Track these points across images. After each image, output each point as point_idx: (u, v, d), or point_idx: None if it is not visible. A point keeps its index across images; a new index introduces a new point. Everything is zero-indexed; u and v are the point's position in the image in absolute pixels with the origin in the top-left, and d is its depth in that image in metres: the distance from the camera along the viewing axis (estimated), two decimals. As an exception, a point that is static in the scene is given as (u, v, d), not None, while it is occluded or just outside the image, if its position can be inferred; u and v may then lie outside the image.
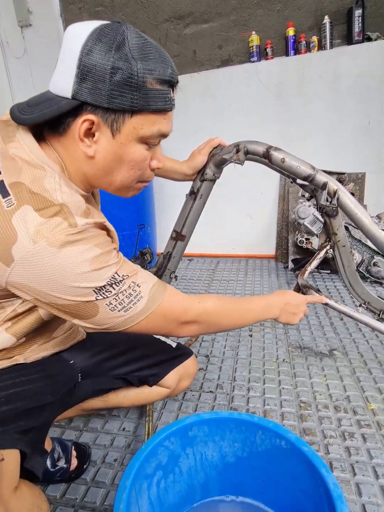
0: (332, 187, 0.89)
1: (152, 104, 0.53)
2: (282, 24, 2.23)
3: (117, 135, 0.53)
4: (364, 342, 1.37)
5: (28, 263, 0.49)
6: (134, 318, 0.58)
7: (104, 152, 0.55)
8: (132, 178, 0.60)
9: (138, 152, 0.56)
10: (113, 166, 0.57)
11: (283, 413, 1.02)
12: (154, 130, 0.55)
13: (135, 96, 0.51)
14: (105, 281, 0.53)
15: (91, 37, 0.50)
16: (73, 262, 0.50)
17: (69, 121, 0.53)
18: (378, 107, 2.15)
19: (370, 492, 0.77)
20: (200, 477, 0.68)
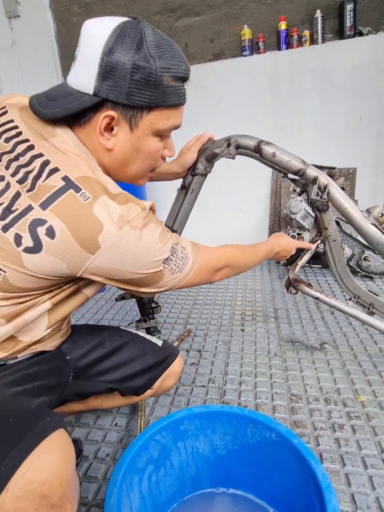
0: (322, 181, 0.89)
1: (168, 100, 0.57)
2: (274, 18, 2.22)
3: (135, 129, 0.58)
4: (355, 335, 1.39)
5: (114, 248, 0.54)
6: (186, 276, 0.67)
7: (122, 145, 0.59)
8: (146, 167, 0.65)
9: (154, 144, 0.61)
10: (130, 158, 0.61)
11: (274, 406, 1.03)
12: (169, 124, 0.60)
13: (153, 93, 0.55)
14: (169, 252, 0.61)
15: (112, 36, 0.52)
16: (149, 241, 0.57)
17: (90, 115, 0.56)
18: (369, 102, 2.16)
19: (359, 482, 0.79)
20: (191, 470, 0.69)
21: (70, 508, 0.43)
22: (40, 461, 0.42)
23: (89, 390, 0.80)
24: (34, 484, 0.40)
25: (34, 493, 0.40)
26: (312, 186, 0.91)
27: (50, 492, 0.41)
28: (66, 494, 0.43)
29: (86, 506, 0.76)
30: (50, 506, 0.41)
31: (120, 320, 1.62)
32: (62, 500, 0.42)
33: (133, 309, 1.72)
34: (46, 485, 0.41)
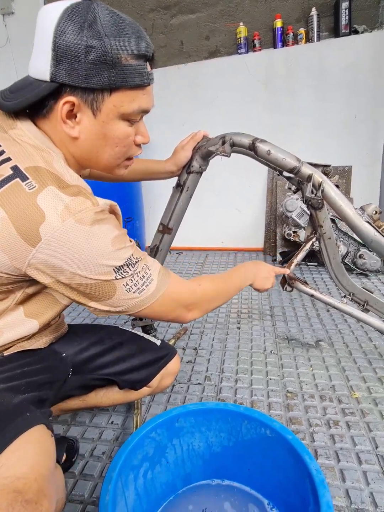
0: (317, 179, 0.89)
1: (129, 80, 0.53)
2: (269, 16, 2.22)
3: (98, 114, 0.54)
4: (350, 332, 1.40)
5: (55, 241, 0.49)
6: (146, 301, 0.61)
7: (87, 132, 0.56)
8: (118, 155, 0.61)
9: (121, 129, 0.57)
10: (97, 145, 0.58)
11: (270, 403, 1.03)
12: (134, 106, 0.56)
13: (111, 73, 0.51)
14: (123, 261, 0.56)
15: (62, 18, 0.50)
16: (99, 240, 0.52)
17: (51, 103, 0.53)
18: (364, 101, 2.16)
19: (353, 478, 0.79)
20: (187, 467, 0.69)
21: (47, 505, 0.42)
22: (16, 456, 0.42)
23: (89, 384, 0.82)
24: (9, 479, 0.40)
25: (8, 488, 0.40)
26: (307, 184, 0.91)
27: (25, 487, 0.40)
28: (42, 490, 0.42)
29: (82, 504, 0.76)
30: (25, 501, 0.40)
31: (116, 319, 1.61)
32: (38, 496, 0.41)
33: (129, 307, 1.71)
34: (21, 480, 0.41)
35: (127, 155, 0.62)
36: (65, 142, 0.57)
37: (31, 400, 0.56)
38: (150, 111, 0.61)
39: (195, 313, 0.72)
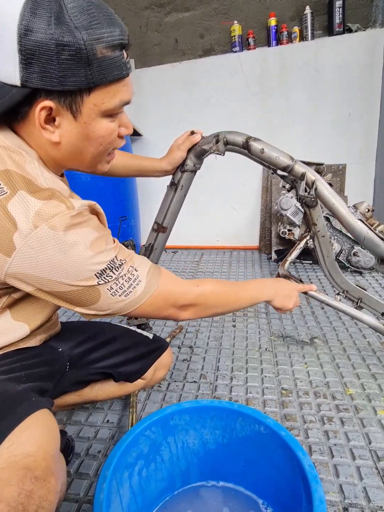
0: (310, 177, 0.90)
1: (108, 75, 0.49)
2: (264, 14, 2.22)
3: (78, 116, 0.50)
4: (344, 330, 1.41)
5: (30, 249, 0.47)
6: (134, 303, 0.59)
7: (68, 135, 0.52)
8: (102, 153, 0.58)
9: (105, 127, 0.54)
10: (81, 147, 0.54)
11: (265, 400, 1.04)
12: (116, 101, 0.52)
13: (88, 71, 0.47)
14: (105, 264, 0.53)
15: (25, 12, 0.43)
16: (76, 246, 0.50)
17: (26, 109, 0.49)
18: (358, 99, 2.17)
19: (347, 473, 0.80)
20: (181, 465, 0.69)
21: (54, 482, 0.43)
22: (25, 435, 0.43)
23: (85, 378, 0.83)
24: (18, 456, 0.42)
25: (18, 465, 0.41)
26: (300, 182, 0.92)
27: (34, 464, 0.42)
28: (50, 468, 0.43)
29: (78, 503, 0.77)
30: (34, 478, 0.41)
31: (112, 318, 1.61)
32: (46, 473, 0.43)
33: (124, 306, 1.71)
34: (30, 458, 0.42)
35: (111, 150, 0.60)
36: (45, 146, 0.53)
37: (33, 389, 0.57)
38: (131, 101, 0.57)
39: (188, 313, 0.69)
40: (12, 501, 0.39)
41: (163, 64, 2.40)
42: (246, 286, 0.81)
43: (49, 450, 0.44)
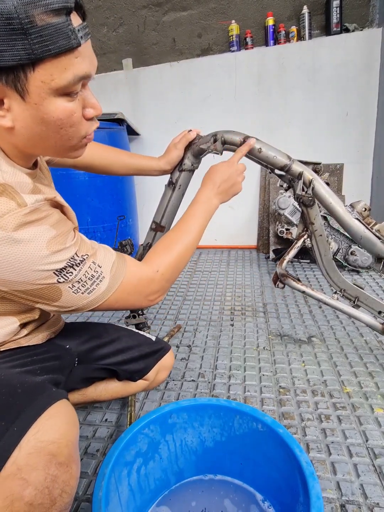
0: (307, 177, 0.90)
1: (52, 46, 0.41)
2: (261, 13, 2.23)
3: (26, 96, 0.44)
4: (341, 328, 1.42)
5: None
6: (99, 299, 0.57)
7: (22, 119, 0.46)
8: (67, 137, 0.50)
9: (60, 107, 0.46)
10: (39, 132, 0.48)
11: (263, 398, 1.04)
12: (69, 76, 0.44)
13: (26, 43, 0.40)
14: (64, 262, 0.51)
15: None
16: (29, 245, 0.47)
17: None
18: (355, 99, 2.18)
19: (344, 470, 0.81)
20: (180, 463, 0.70)
21: (75, 468, 0.46)
22: (49, 423, 0.45)
23: (92, 374, 0.84)
24: (44, 443, 0.44)
25: (44, 451, 0.43)
26: (298, 181, 0.92)
27: (58, 451, 0.44)
28: (71, 455, 0.46)
29: (77, 501, 0.77)
30: (58, 464, 0.44)
31: (110, 317, 1.61)
32: (69, 459, 0.45)
33: (123, 305, 1.72)
34: (54, 445, 0.44)
35: (80, 134, 0.52)
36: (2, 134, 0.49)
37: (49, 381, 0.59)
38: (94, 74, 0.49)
39: (155, 298, 0.67)
40: (39, 485, 0.41)
41: (161, 64, 2.40)
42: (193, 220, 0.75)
43: (71, 438, 0.47)
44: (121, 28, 2.45)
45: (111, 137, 2.03)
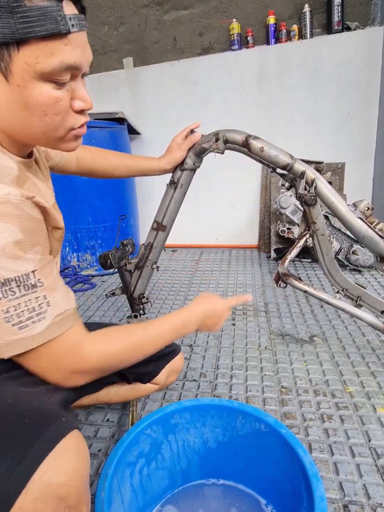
0: (310, 176, 0.90)
1: (38, 28, 0.40)
2: (262, 12, 2.22)
3: (10, 77, 0.43)
4: (343, 328, 1.41)
5: None
6: (26, 343, 0.47)
7: (4, 101, 0.45)
8: (52, 126, 0.48)
9: (44, 93, 0.45)
10: (23, 117, 0.46)
11: (264, 398, 1.04)
12: (54, 62, 0.43)
13: (11, 21, 0.39)
14: (13, 273, 0.44)
15: None
16: None
17: None
18: (357, 97, 2.17)
19: (346, 470, 0.81)
20: (182, 463, 0.70)
21: (85, 510, 0.45)
22: (58, 463, 0.42)
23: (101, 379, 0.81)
24: (52, 486, 0.41)
25: (52, 495, 0.41)
26: (300, 180, 0.92)
27: (67, 494, 0.42)
28: (81, 496, 0.44)
29: (78, 501, 0.77)
30: (67, 507, 0.42)
31: (111, 317, 1.61)
32: (78, 501, 0.43)
33: (124, 305, 1.72)
34: (63, 487, 0.42)
35: (67, 125, 0.49)
36: None
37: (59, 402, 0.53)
38: (85, 68, 0.48)
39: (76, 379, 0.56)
40: None
41: (161, 63, 2.39)
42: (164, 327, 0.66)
43: (81, 478, 0.44)
44: (122, 27, 2.44)
45: (112, 136, 2.03)
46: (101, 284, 2.03)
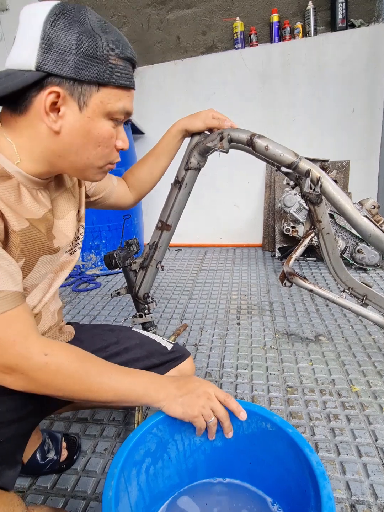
0: (315, 174, 0.89)
1: (117, 78, 0.53)
2: (266, 10, 2.21)
3: (84, 109, 0.52)
4: (349, 327, 1.41)
5: None
6: None
7: (70, 127, 0.53)
8: (99, 156, 0.57)
9: (106, 127, 0.55)
10: (79, 143, 0.55)
11: (270, 398, 1.04)
12: (120, 106, 0.55)
13: (100, 68, 0.51)
14: None
15: (54, 10, 0.49)
16: None
17: (32, 95, 0.50)
18: (362, 95, 2.16)
19: (353, 470, 0.80)
20: (188, 462, 0.69)
21: None
22: None
23: None
24: None
25: None
26: (305, 179, 0.91)
27: None
28: None
29: (85, 500, 0.77)
30: None
31: (116, 316, 1.62)
32: None
33: (129, 304, 1.72)
34: None
35: (109, 159, 0.59)
36: (40, 138, 0.53)
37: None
38: (131, 116, 0.61)
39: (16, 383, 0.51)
40: None
41: (165, 62, 2.39)
42: (121, 374, 0.58)
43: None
44: (125, 27, 2.44)
45: (116, 136, 2.03)
46: (106, 283, 2.04)
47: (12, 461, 0.56)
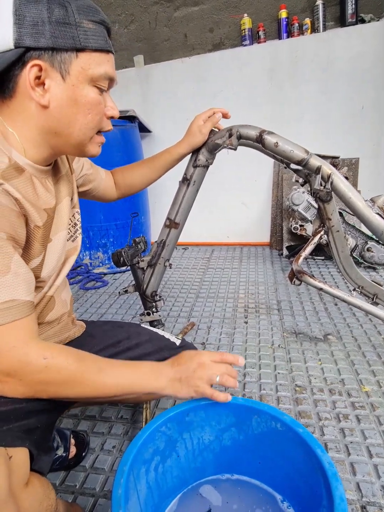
0: (326, 171, 0.88)
1: (93, 42, 0.53)
2: (274, 6, 2.19)
3: (67, 77, 0.53)
4: (358, 326, 1.39)
5: None
6: None
7: (57, 98, 0.53)
8: (91, 125, 0.57)
9: (92, 94, 0.55)
10: (69, 113, 0.55)
11: (278, 397, 1.03)
12: (101, 70, 0.55)
13: (75, 33, 0.52)
14: None
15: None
16: None
17: (16, 74, 0.51)
18: (372, 91, 2.13)
19: (364, 471, 0.79)
20: (197, 461, 0.69)
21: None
22: None
23: None
24: None
25: None
26: (315, 176, 0.90)
27: None
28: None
29: (94, 497, 0.77)
30: None
31: (124, 314, 1.62)
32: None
33: (136, 302, 1.72)
34: None
35: (99, 126, 0.59)
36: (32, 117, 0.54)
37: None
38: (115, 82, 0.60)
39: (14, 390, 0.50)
40: None
41: (172, 60, 2.38)
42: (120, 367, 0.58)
43: None
44: (133, 25, 2.44)
45: (124, 134, 2.03)
46: (113, 282, 2.04)
47: (46, 447, 0.58)
